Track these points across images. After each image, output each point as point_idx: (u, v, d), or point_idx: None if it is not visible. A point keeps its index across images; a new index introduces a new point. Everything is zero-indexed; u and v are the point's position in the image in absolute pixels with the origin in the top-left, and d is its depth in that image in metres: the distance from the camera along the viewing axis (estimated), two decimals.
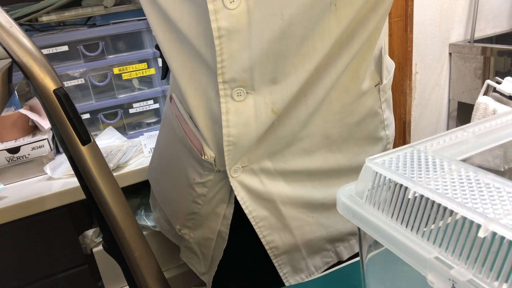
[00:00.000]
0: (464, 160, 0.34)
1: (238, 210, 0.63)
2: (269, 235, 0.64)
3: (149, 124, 1.18)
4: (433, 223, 0.28)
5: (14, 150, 0.93)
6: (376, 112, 0.64)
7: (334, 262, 0.70)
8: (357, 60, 0.57)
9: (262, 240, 0.64)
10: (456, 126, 0.61)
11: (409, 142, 0.91)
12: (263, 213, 0.63)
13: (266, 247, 0.64)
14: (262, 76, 0.52)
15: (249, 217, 0.62)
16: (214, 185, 0.63)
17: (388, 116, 0.67)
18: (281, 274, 0.67)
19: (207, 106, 0.57)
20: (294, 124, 0.58)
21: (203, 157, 0.60)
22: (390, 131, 0.69)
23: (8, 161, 0.93)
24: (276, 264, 0.66)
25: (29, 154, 0.95)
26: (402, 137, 1.77)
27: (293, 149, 0.61)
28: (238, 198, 0.61)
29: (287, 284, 0.67)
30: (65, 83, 1.05)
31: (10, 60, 0.40)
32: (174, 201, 0.72)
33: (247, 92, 0.53)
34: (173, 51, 0.57)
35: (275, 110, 0.55)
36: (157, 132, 1.16)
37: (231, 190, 0.62)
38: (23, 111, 0.98)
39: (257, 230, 0.63)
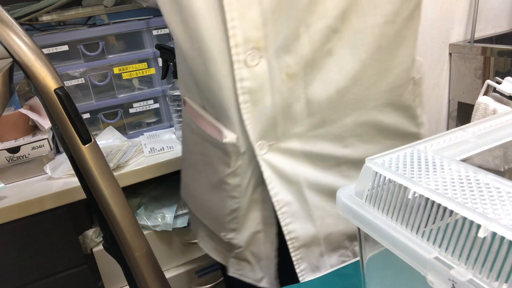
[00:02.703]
0: (464, 160, 0.34)
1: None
2: (291, 223, 0.62)
3: (149, 124, 1.18)
4: (433, 223, 0.28)
5: (14, 150, 0.93)
6: (409, 106, 0.62)
7: (350, 261, 0.69)
8: (387, 38, 0.55)
9: (284, 229, 0.62)
10: (456, 126, 0.60)
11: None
12: (287, 197, 0.61)
13: (287, 237, 0.62)
14: (274, 35, 0.51)
15: (273, 200, 0.60)
16: (245, 170, 0.61)
17: (421, 114, 0.65)
18: (298, 270, 0.65)
19: (222, 84, 0.56)
20: (316, 93, 0.55)
21: (224, 141, 0.58)
22: (423, 131, 0.66)
23: (8, 161, 0.93)
24: (294, 259, 0.64)
25: (29, 154, 0.95)
26: None
27: (323, 132, 0.59)
28: (265, 177, 0.59)
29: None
30: (65, 82, 1.05)
31: (11, 59, 0.40)
32: (213, 207, 0.70)
33: (260, 57, 0.52)
34: (185, 36, 0.56)
35: (290, 74, 0.53)
36: (157, 132, 1.16)
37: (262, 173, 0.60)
38: (23, 110, 0.98)
39: (279, 216, 0.61)
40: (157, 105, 1.16)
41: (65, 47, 1.03)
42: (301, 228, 0.63)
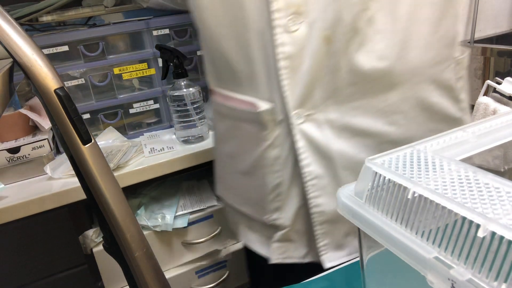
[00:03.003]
0: (464, 160, 0.34)
1: None
2: (319, 197, 0.60)
3: (149, 124, 1.18)
4: (433, 223, 0.28)
5: (14, 150, 0.93)
6: (452, 87, 0.61)
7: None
8: (427, 11, 0.55)
9: (310, 202, 0.60)
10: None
11: None
12: (318, 170, 0.59)
13: (312, 210, 0.61)
14: (315, 0, 0.51)
15: (303, 171, 0.59)
16: (283, 141, 0.60)
17: (465, 99, 0.64)
18: (319, 245, 0.63)
19: (261, 52, 0.56)
20: (357, 62, 0.55)
21: (259, 110, 0.58)
22: (467, 117, 0.64)
23: (8, 161, 0.93)
24: (317, 233, 0.62)
25: (29, 154, 0.95)
26: None
27: (364, 104, 0.57)
28: (298, 147, 0.58)
29: (323, 258, 0.63)
30: (65, 83, 1.05)
31: (11, 60, 0.40)
32: (252, 191, 0.68)
33: (300, 22, 0.52)
34: (222, 11, 0.57)
35: (329, 39, 0.53)
36: (157, 132, 1.16)
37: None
38: (23, 111, 0.98)
39: (307, 188, 0.60)
40: (157, 106, 1.16)
41: (65, 48, 1.03)
42: (329, 203, 0.61)
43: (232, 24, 0.56)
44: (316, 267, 0.64)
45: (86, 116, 1.09)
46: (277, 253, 0.70)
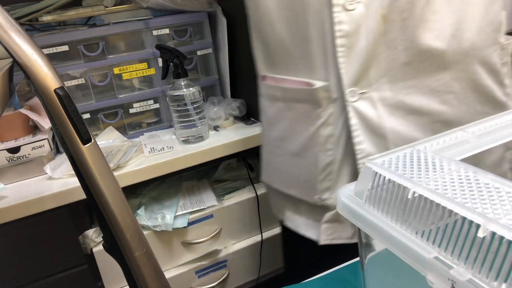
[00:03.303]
0: (464, 160, 0.34)
1: None
2: None
3: (149, 124, 1.18)
4: (433, 223, 0.28)
5: (14, 150, 0.93)
6: (498, 71, 0.62)
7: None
8: None
9: None
10: None
11: None
12: (370, 148, 0.61)
13: None
14: None
15: (356, 148, 0.61)
16: (336, 119, 0.62)
17: (509, 85, 0.65)
18: None
19: (319, 31, 0.58)
20: (413, 42, 0.56)
21: (314, 87, 0.60)
22: (511, 102, 0.66)
23: (8, 161, 0.93)
24: None
25: (29, 154, 0.95)
26: None
27: (418, 83, 0.59)
28: (351, 123, 0.59)
29: None
30: (65, 83, 1.05)
31: (11, 59, 0.40)
32: (302, 172, 0.69)
33: (358, 2, 0.55)
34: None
35: (386, 17, 0.55)
36: (157, 132, 1.16)
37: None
38: (23, 111, 0.98)
39: (359, 166, 0.61)
40: (157, 105, 1.16)
41: (65, 47, 1.03)
42: None
43: (290, 6, 0.59)
44: (349, 253, 0.66)
45: (86, 116, 1.09)
46: (326, 234, 0.71)
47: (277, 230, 1.16)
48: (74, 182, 0.91)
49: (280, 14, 0.61)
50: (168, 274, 1.05)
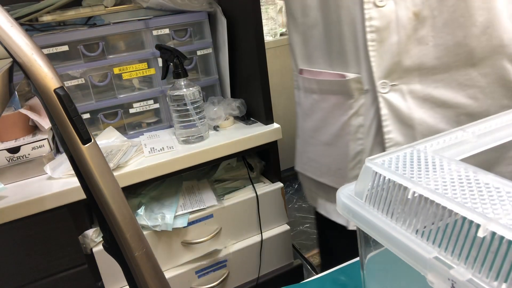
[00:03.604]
0: (464, 160, 0.34)
1: None
2: None
3: (149, 124, 1.18)
4: (433, 223, 0.28)
5: (14, 150, 0.93)
6: None
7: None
8: None
9: None
10: None
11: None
12: (398, 137, 0.64)
13: None
14: None
15: (385, 137, 0.64)
16: (367, 110, 0.65)
17: None
18: None
19: (352, 27, 0.62)
20: (444, 38, 0.59)
21: (347, 78, 0.64)
22: None
23: (8, 161, 0.93)
24: None
25: (29, 154, 0.95)
26: None
27: (447, 77, 0.61)
28: (381, 113, 0.63)
29: None
30: (65, 83, 1.05)
31: (10, 59, 0.40)
32: (333, 160, 0.73)
33: None
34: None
35: (417, 13, 0.57)
36: (157, 132, 1.16)
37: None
38: (23, 111, 0.98)
39: None
40: (157, 105, 1.16)
41: (65, 48, 1.03)
42: None
43: (325, 6, 0.64)
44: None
45: (86, 116, 1.09)
46: None
47: (277, 230, 1.16)
48: (74, 182, 0.91)
49: (318, 13, 0.66)
50: (168, 274, 1.05)
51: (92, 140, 0.46)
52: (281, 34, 2.21)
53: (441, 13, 0.58)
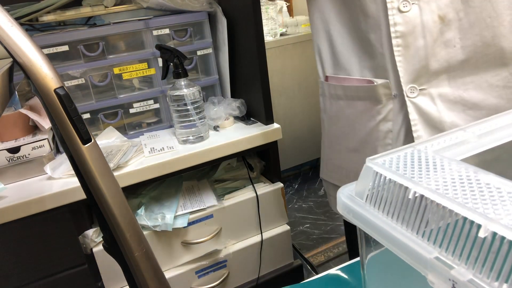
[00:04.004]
0: (464, 160, 0.34)
1: None
2: None
3: (149, 124, 1.18)
4: (433, 223, 0.28)
5: (14, 150, 0.93)
6: None
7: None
8: None
9: None
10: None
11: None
12: None
13: None
14: None
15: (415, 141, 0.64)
16: (396, 115, 0.65)
17: None
18: None
19: (377, 34, 0.62)
20: (471, 39, 0.58)
21: (376, 83, 0.63)
22: None
23: (8, 161, 0.93)
24: None
25: (29, 154, 0.95)
26: None
27: (477, 79, 0.61)
28: (410, 118, 0.62)
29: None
30: (65, 83, 1.05)
31: (10, 59, 0.40)
32: (361, 167, 0.73)
33: (412, 3, 0.58)
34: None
35: (442, 16, 0.57)
36: (157, 132, 1.16)
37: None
38: (23, 111, 0.98)
39: None
40: (157, 105, 1.16)
41: (65, 47, 1.03)
42: None
43: (352, 15, 0.64)
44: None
45: (86, 116, 1.09)
46: None
47: (277, 230, 1.16)
48: (74, 182, 0.91)
49: (344, 21, 0.66)
50: (168, 274, 1.05)
51: (92, 140, 0.46)
52: (281, 34, 2.21)
53: (467, 14, 0.57)
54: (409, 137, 0.65)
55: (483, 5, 0.57)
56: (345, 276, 0.57)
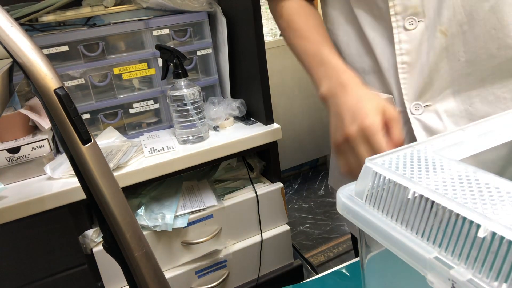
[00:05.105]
0: (464, 160, 0.34)
1: None
2: None
3: (149, 124, 1.18)
4: (433, 223, 0.28)
5: (14, 150, 0.93)
6: None
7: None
8: None
9: None
10: None
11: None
12: None
13: None
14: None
15: None
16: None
17: None
18: None
19: (382, 49, 0.61)
20: (476, 52, 0.57)
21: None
22: None
23: (8, 161, 0.93)
24: None
25: (29, 154, 0.95)
26: None
27: (483, 92, 0.59)
28: (416, 135, 0.61)
29: None
30: (65, 83, 1.05)
31: (10, 60, 0.40)
32: None
33: (418, 21, 0.57)
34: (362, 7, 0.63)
35: (444, 30, 0.56)
36: (157, 132, 1.16)
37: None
38: (23, 111, 0.98)
39: None
40: (157, 106, 1.16)
41: (65, 48, 1.03)
42: None
43: (359, 28, 0.64)
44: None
45: (86, 116, 1.09)
46: None
47: (277, 230, 1.16)
48: (74, 182, 0.91)
49: (351, 32, 0.65)
50: (168, 274, 1.05)
51: (92, 140, 0.46)
52: (281, 34, 2.21)
53: (471, 27, 0.56)
54: None
55: (487, 17, 0.55)
56: (345, 276, 0.57)
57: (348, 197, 0.36)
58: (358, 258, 0.60)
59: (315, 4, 0.74)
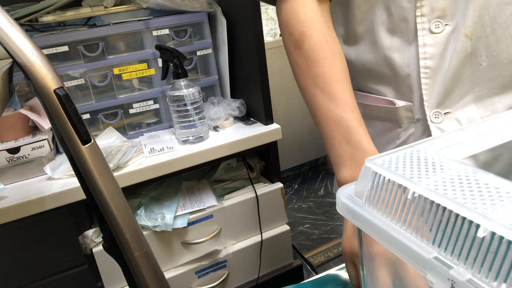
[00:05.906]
0: (463, 160, 0.34)
1: None
2: None
3: (149, 125, 1.18)
4: (433, 223, 0.28)
5: (14, 150, 0.93)
6: None
7: None
8: None
9: None
10: None
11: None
12: None
13: None
14: (456, 1, 0.53)
15: None
16: (417, 139, 0.61)
17: None
18: None
19: (405, 53, 0.58)
20: (498, 56, 0.55)
21: (397, 105, 0.60)
22: None
23: (8, 161, 0.93)
24: None
25: (29, 154, 0.95)
26: None
27: (504, 98, 0.58)
28: None
29: None
30: (65, 83, 1.05)
31: (10, 60, 0.40)
32: None
33: (445, 24, 0.55)
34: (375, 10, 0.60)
35: (468, 33, 0.54)
36: (157, 132, 1.16)
37: None
38: (23, 111, 0.98)
39: None
40: (157, 106, 1.16)
41: (65, 48, 1.03)
42: None
43: (376, 31, 0.60)
44: None
45: (86, 116, 1.09)
46: None
47: (277, 230, 1.16)
48: (74, 182, 0.91)
49: (368, 37, 0.62)
50: (168, 274, 1.05)
51: (92, 141, 0.46)
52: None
53: (493, 30, 0.55)
54: None
55: (509, 21, 0.54)
56: (345, 276, 0.57)
57: (348, 197, 0.36)
58: None
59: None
